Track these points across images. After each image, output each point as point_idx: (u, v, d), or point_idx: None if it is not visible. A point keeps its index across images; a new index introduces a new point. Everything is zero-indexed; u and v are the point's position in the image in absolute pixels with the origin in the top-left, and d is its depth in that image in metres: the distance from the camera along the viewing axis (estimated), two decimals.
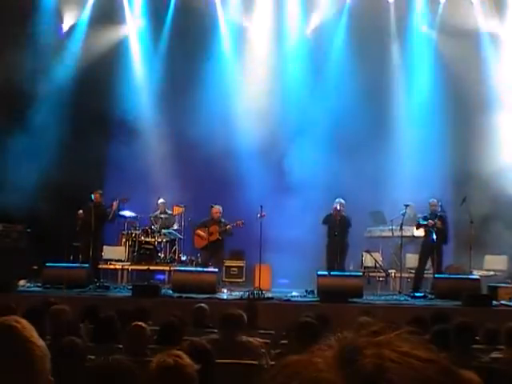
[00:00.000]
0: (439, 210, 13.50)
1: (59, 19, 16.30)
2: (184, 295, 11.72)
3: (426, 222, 13.48)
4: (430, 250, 13.47)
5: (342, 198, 13.72)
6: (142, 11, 16.77)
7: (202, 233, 14.06)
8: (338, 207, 13.52)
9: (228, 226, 13.87)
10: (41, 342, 1.83)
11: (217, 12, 16.70)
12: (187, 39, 16.07)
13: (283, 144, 15.72)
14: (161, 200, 15.23)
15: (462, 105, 15.44)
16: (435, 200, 13.63)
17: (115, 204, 13.54)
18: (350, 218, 13.74)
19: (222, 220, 14.06)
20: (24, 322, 1.87)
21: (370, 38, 15.79)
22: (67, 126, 14.98)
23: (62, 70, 15.70)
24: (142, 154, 16.01)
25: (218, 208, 14.08)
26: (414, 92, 16.50)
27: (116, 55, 16.40)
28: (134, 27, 16.90)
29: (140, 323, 5.47)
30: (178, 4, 16.61)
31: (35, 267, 13.70)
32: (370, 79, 15.50)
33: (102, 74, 15.22)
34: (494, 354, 5.47)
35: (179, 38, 16.24)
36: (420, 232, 13.87)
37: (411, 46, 16.65)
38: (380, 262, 14.57)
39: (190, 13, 16.23)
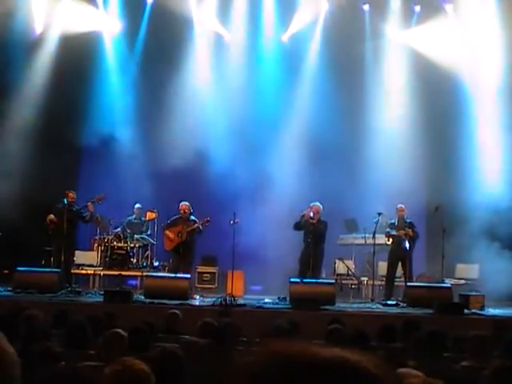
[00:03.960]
0: (405, 216, 13.63)
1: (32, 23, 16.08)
2: (156, 301, 11.67)
3: (396, 233, 13.51)
4: (399, 257, 13.53)
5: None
6: (118, 15, 16.66)
7: (170, 234, 13.68)
8: (312, 214, 13.23)
9: (195, 225, 13.49)
10: (10, 349, 1.80)
11: (192, 18, 16.62)
12: (162, 46, 15.97)
13: (257, 152, 15.71)
14: (137, 205, 15.14)
15: (437, 113, 15.47)
16: (403, 205, 13.69)
17: (91, 205, 13.30)
18: (325, 224, 13.41)
19: (192, 218, 13.67)
20: None
21: (346, 45, 15.83)
22: (37, 137, 14.97)
23: (32, 79, 15.59)
24: (116, 161, 15.95)
25: (186, 204, 13.68)
26: (389, 99, 16.48)
27: (89, 63, 16.15)
28: (108, 33, 16.74)
29: (117, 330, 5.43)
30: (154, 10, 16.53)
31: (6, 271, 13.56)
32: (345, 87, 15.58)
33: (74, 83, 15.13)
34: (465, 363, 5.51)
35: (154, 46, 16.14)
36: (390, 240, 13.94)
37: (386, 53, 16.67)
38: (353, 270, 14.63)
39: (166, 19, 16.08)
